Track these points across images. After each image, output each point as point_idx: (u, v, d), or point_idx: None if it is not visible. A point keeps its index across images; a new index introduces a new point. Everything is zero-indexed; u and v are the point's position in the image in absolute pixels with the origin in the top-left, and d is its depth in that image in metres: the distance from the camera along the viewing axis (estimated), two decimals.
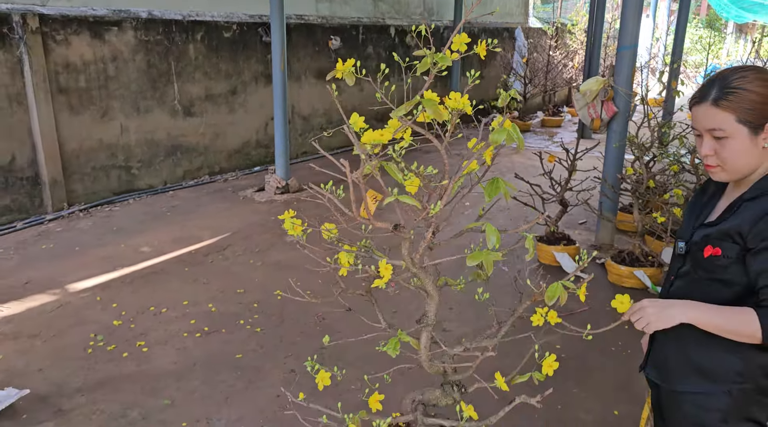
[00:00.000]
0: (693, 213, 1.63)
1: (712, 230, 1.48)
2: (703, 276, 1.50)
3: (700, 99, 1.46)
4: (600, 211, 4.91)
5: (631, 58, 4.62)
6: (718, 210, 1.56)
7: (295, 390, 3.13)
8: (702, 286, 1.51)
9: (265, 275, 4.54)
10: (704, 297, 1.47)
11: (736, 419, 1.47)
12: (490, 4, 12.05)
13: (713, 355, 1.49)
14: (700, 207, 1.62)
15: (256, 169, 7.78)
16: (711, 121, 1.43)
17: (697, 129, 1.49)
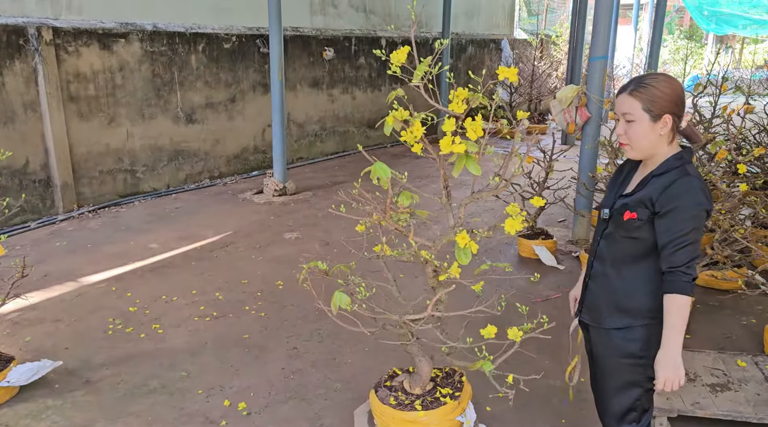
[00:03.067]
0: (614, 186, 2.05)
1: (629, 199, 1.90)
2: (622, 235, 1.91)
3: (621, 90, 1.90)
4: (575, 208, 5.32)
5: (602, 67, 5.05)
6: (633, 183, 1.97)
7: (297, 364, 3.51)
8: (621, 243, 1.92)
9: (267, 268, 4.90)
10: (623, 251, 1.91)
11: (651, 346, 1.87)
12: (477, 16, 12.53)
13: (633, 299, 1.89)
14: (620, 183, 2.03)
15: (254, 173, 8.15)
16: (625, 106, 1.86)
17: (617, 113, 1.90)
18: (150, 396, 3.14)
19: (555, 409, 3.06)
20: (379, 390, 2.53)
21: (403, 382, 2.48)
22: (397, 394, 2.43)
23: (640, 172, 1.97)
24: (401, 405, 2.40)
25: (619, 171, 2.08)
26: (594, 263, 2.04)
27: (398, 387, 2.54)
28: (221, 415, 2.99)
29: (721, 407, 2.74)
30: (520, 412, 3.04)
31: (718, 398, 2.81)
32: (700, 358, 3.19)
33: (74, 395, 3.12)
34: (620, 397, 2.03)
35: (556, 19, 16.09)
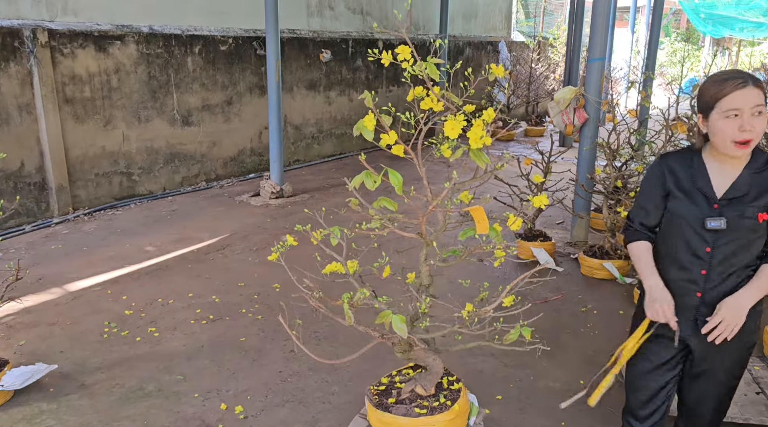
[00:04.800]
0: (695, 193, 1.96)
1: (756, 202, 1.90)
2: (749, 238, 1.92)
3: (740, 84, 1.81)
4: (573, 209, 5.30)
5: (599, 69, 5.04)
6: (722, 184, 1.93)
7: (295, 367, 3.48)
8: (747, 245, 1.93)
9: (264, 271, 4.87)
10: (749, 252, 1.95)
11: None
12: (474, 19, 12.54)
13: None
14: (698, 187, 1.96)
15: (250, 176, 8.12)
16: (757, 99, 1.79)
17: (739, 108, 1.80)
18: (145, 400, 3.10)
19: (554, 412, 3.03)
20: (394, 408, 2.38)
21: (415, 388, 2.41)
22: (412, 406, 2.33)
23: (718, 171, 1.95)
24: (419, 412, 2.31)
25: (669, 175, 2.02)
26: (709, 275, 1.97)
27: (413, 397, 2.42)
28: (218, 419, 2.96)
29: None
30: (520, 415, 3.02)
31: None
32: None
33: (69, 399, 3.09)
34: (733, 391, 2.12)
35: (553, 22, 16.11)
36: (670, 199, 2.02)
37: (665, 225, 2.06)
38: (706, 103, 1.89)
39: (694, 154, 2.01)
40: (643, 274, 2.05)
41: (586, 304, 4.32)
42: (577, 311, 4.21)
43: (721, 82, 1.85)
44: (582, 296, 4.45)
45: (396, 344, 2.37)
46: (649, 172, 2.09)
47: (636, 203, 2.14)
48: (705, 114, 1.91)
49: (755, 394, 2.86)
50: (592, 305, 4.29)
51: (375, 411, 2.38)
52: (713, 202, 1.94)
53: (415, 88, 2.01)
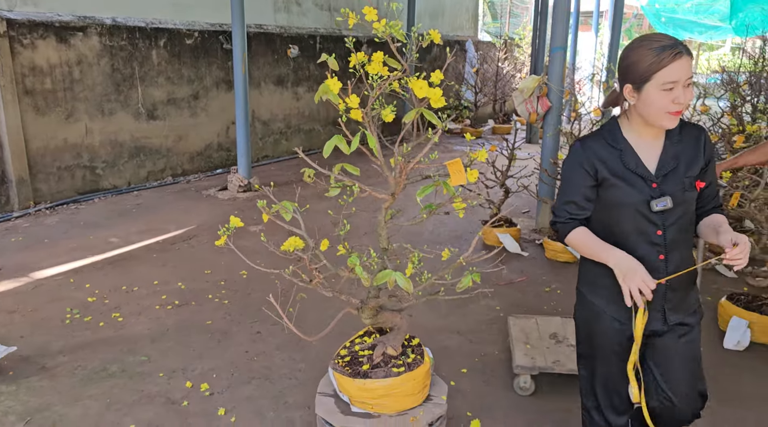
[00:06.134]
0: (634, 176, 1.82)
1: (691, 168, 1.84)
2: (687, 210, 1.85)
3: (678, 53, 1.68)
4: (538, 195, 5.41)
5: (561, 58, 5.16)
6: (651, 159, 1.83)
7: (261, 347, 3.48)
8: (686, 218, 1.87)
9: (231, 259, 4.83)
10: (691, 222, 1.89)
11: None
12: (441, 18, 12.68)
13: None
14: (633, 168, 1.83)
15: (218, 171, 8.06)
16: (690, 70, 1.71)
17: (677, 80, 1.70)
18: (109, 380, 3.06)
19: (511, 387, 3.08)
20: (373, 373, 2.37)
21: (386, 350, 2.43)
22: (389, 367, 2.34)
23: (643, 146, 1.85)
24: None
25: (598, 162, 1.85)
26: (668, 262, 1.86)
27: (386, 359, 2.44)
28: (183, 396, 2.93)
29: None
30: (485, 387, 3.07)
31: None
32: (571, 324, 3.32)
33: (29, 381, 3.03)
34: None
35: (520, 23, 16.39)
36: (606, 189, 1.85)
37: (603, 218, 1.90)
38: (641, 74, 1.74)
39: (615, 133, 1.87)
40: (598, 253, 1.82)
41: (549, 284, 4.41)
42: (541, 292, 4.30)
43: (658, 51, 1.70)
44: (546, 278, 4.54)
45: (364, 311, 2.39)
46: (571, 161, 1.89)
47: (562, 198, 1.92)
48: (638, 85, 1.76)
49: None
50: (555, 286, 4.37)
51: (353, 381, 2.38)
52: (651, 181, 1.82)
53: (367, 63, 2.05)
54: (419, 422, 2.32)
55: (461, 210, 2.20)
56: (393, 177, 2.20)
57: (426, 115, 2.10)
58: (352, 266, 2.25)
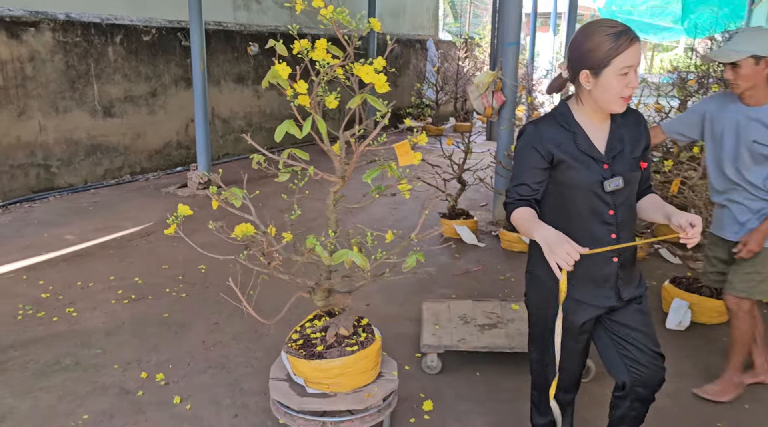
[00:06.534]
0: (586, 158, 1.87)
1: (635, 150, 1.92)
2: (633, 190, 1.94)
3: (632, 40, 1.74)
4: (494, 187, 5.53)
5: (514, 52, 5.30)
6: (600, 140, 1.89)
7: (218, 337, 3.49)
8: (632, 198, 1.96)
9: (189, 254, 4.81)
10: (634, 201, 1.97)
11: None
12: (402, 17, 12.79)
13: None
14: (584, 150, 1.87)
15: (177, 169, 7.98)
16: (639, 56, 1.77)
17: (632, 65, 1.76)
18: (62, 373, 3.04)
19: (470, 368, 3.17)
20: (327, 353, 2.42)
21: (339, 330, 2.48)
22: (343, 347, 2.40)
23: (592, 129, 1.90)
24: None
25: (552, 145, 1.88)
26: (619, 236, 1.92)
27: (339, 340, 2.50)
28: (138, 386, 2.93)
29: (481, 342, 3.08)
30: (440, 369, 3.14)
31: (483, 335, 3.15)
32: (481, 305, 3.53)
33: None
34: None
35: (480, 23, 16.63)
36: (562, 171, 1.88)
37: (557, 200, 1.93)
38: (600, 60, 1.77)
39: (567, 117, 1.91)
40: (530, 230, 1.81)
41: (504, 273, 4.53)
42: (496, 280, 4.41)
43: (615, 37, 1.75)
44: (501, 267, 4.66)
45: (317, 293, 2.44)
46: (524, 143, 1.91)
47: (515, 180, 1.92)
48: (596, 71, 1.79)
49: (527, 328, 3.16)
50: (510, 274, 4.49)
51: (309, 362, 2.42)
52: (603, 163, 1.88)
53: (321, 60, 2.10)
54: (375, 397, 2.38)
55: (407, 192, 2.27)
56: (339, 161, 2.25)
57: (370, 101, 2.17)
58: (311, 246, 2.30)
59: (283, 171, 2.31)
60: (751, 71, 2.51)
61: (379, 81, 2.13)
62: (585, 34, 1.82)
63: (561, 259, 1.66)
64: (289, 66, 2.18)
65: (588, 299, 1.96)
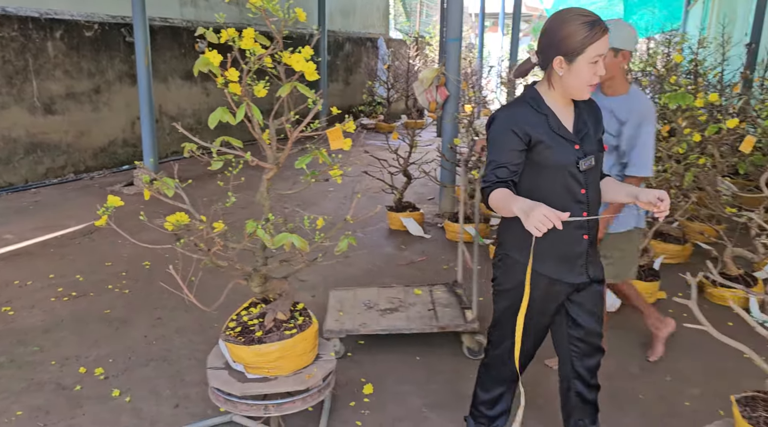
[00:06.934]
0: (560, 138, 1.92)
1: (597, 133, 2.02)
2: (599, 170, 2.03)
3: (603, 31, 1.81)
4: (439, 180, 5.65)
5: (457, 48, 5.42)
6: (567, 124, 1.96)
7: (161, 331, 3.48)
8: (599, 178, 2.04)
9: (134, 252, 4.75)
10: (599, 187, 2.04)
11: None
12: (353, 15, 12.84)
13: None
14: (557, 130, 1.93)
15: (124, 167, 7.83)
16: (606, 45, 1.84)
17: (602, 54, 1.84)
18: None
19: (411, 351, 3.26)
20: (267, 338, 2.44)
21: (277, 315, 2.51)
22: (282, 331, 2.43)
23: (562, 112, 1.96)
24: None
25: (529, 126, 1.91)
26: (590, 215, 1.99)
27: (277, 324, 2.53)
28: (75, 381, 2.90)
29: (381, 325, 3.17)
30: (379, 355, 3.21)
31: (384, 319, 3.24)
32: (385, 292, 3.63)
33: None
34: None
35: (431, 22, 16.83)
36: (539, 151, 1.91)
37: (533, 181, 1.94)
38: (575, 47, 1.82)
39: (538, 100, 1.96)
40: (508, 206, 1.77)
41: (448, 263, 4.63)
42: (440, 269, 4.51)
43: (591, 26, 1.81)
44: (445, 257, 4.77)
45: (254, 279, 2.47)
46: (501, 127, 1.93)
47: (493, 163, 1.91)
48: (570, 58, 1.84)
49: (427, 311, 3.33)
50: (453, 264, 4.60)
51: (248, 348, 2.44)
52: (574, 143, 1.94)
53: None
54: (315, 378, 2.43)
55: (338, 177, 2.33)
56: (271, 149, 2.30)
57: (300, 89, 2.22)
58: (252, 230, 2.33)
59: (216, 159, 2.33)
60: (609, 62, 2.60)
61: (308, 69, 2.18)
62: (560, 21, 1.85)
63: (538, 221, 1.64)
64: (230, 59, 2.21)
65: (563, 276, 2.02)
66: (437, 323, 3.19)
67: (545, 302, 2.06)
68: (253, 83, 2.26)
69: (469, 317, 3.21)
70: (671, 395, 2.85)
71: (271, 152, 2.32)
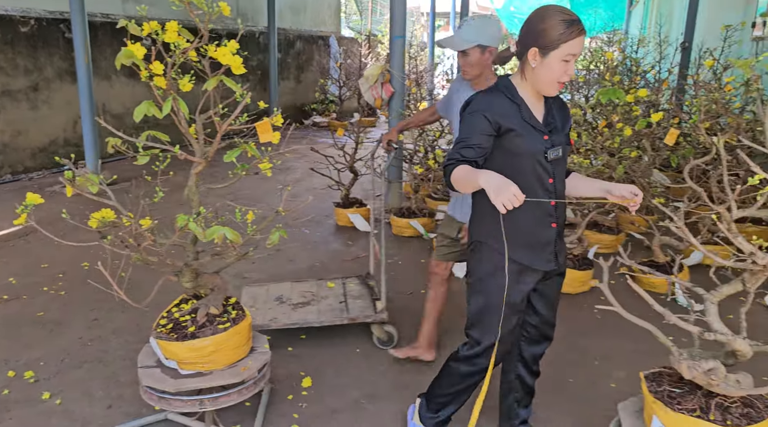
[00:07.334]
0: (530, 128, 1.96)
1: (565, 128, 2.07)
2: (565, 162, 2.08)
3: (580, 32, 1.85)
4: (387, 177, 5.69)
5: (401, 45, 5.48)
6: (537, 116, 2.00)
7: (97, 332, 3.41)
8: (564, 171, 2.09)
9: (72, 253, 4.60)
10: (564, 179, 2.09)
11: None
12: (304, 13, 12.78)
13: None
14: (527, 121, 1.96)
15: (65, 167, 7.58)
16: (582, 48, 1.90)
17: (576, 54, 1.87)
18: None
19: (355, 345, 3.28)
20: (200, 332, 2.42)
21: (210, 310, 2.50)
22: (215, 325, 2.41)
23: (533, 103, 2.00)
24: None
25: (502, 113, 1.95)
26: (557, 207, 2.04)
27: (210, 319, 2.51)
28: (3, 385, 2.81)
29: (291, 319, 3.19)
30: (322, 349, 3.23)
31: (295, 313, 3.27)
32: (299, 286, 3.67)
33: None
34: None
35: (382, 20, 16.89)
36: (510, 139, 1.94)
37: (505, 166, 1.93)
38: (551, 42, 1.85)
39: (512, 90, 1.99)
40: (474, 179, 1.77)
41: (393, 257, 4.68)
42: (385, 264, 4.55)
43: (568, 24, 1.84)
44: (390, 251, 4.81)
45: (185, 275, 2.46)
46: (475, 110, 1.94)
47: (461, 142, 1.91)
48: (544, 51, 1.87)
49: (338, 303, 3.40)
50: (398, 258, 4.66)
51: (182, 344, 2.42)
52: (544, 134, 1.98)
53: None
54: (250, 370, 2.43)
55: (267, 170, 2.34)
56: (198, 143, 2.29)
57: (227, 83, 2.22)
58: (183, 224, 2.31)
59: (142, 154, 2.31)
60: (477, 59, 2.62)
61: (234, 63, 2.18)
62: (541, 15, 1.89)
63: (507, 199, 1.65)
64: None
65: (533, 263, 2.04)
66: (347, 314, 3.25)
67: (517, 292, 2.06)
68: (178, 77, 2.24)
69: (379, 307, 3.27)
70: (599, 378, 2.96)
71: (198, 147, 2.31)
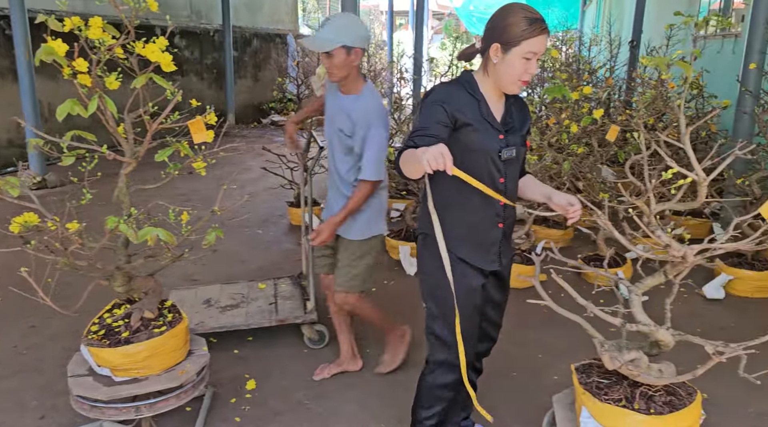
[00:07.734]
0: (489, 128, 1.94)
1: (522, 130, 2.05)
2: (519, 164, 2.06)
3: (543, 31, 1.84)
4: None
5: None
6: (496, 114, 1.97)
7: (34, 340, 3.29)
8: (517, 172, 2.08)
9: (9, 257, 4.44)
10: (517, 180, 2.09)
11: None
12: (260, 11, 12.63)
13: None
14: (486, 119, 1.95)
15: (9, 169, 7.34)
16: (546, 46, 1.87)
17: (537, 53, 1.85)
18: None
19: (298, 349, 3.25)
20: (135, 337, 2.35)
21: (144, 314, 2.43)
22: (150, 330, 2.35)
23: (493, 101, 1.98)
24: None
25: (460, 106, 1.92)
26: (505, 208, 2.03)
27: (145, 323, 2.44)
28: None
29: (219, 322, 3.15)
30: (268, 349, 3.19)
31: (223, 316, 3.23)
32: (228, 288, 3.64)
33: None
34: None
35: None
36: (467, 133, 1.92)
37: (459, 161, 1.81)
38: (512, 38, 1.84)
39: (474, 85, 1.97)
40: (415, 156, 1.67)
41: None
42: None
43: (531, 21, 1.83)
44: None
45: (116, 279, 2.38)
46: (434, 101, 1.91)
47: (418, 131, 1.85)
48: (506, 47, 1.86)
49: (268, 305, 3.38)
50: None
51: (115, 350, 2.34)
52: (500, 132, 1.96)
53: None
54: (188, 373, 2.37)
55: (202, 169, 2.29)
56: (128, 143, 2.22)
57: (157, 80, 2.16)
58: (113, 226, 2.24)
59: (66, 154, 2.23)
60: (342, 61, 2.48)
61: (164, 60, 2.12)
62: (505, 11, 1.89)
63: (432, 156, 1.59)
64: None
65: (477, 262, 2.03)
66: (276, 316, 3.21)
67: (467, 288, 2.02)
68: (104, 75, 2.17)
69: (309, 307, 3.24)
70: (542, 371, 3.00)
71: (128, 146, 2.25)
